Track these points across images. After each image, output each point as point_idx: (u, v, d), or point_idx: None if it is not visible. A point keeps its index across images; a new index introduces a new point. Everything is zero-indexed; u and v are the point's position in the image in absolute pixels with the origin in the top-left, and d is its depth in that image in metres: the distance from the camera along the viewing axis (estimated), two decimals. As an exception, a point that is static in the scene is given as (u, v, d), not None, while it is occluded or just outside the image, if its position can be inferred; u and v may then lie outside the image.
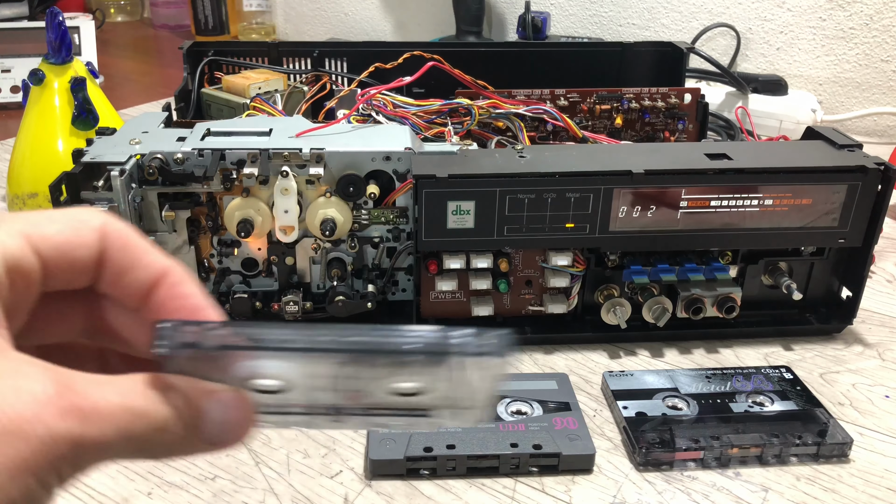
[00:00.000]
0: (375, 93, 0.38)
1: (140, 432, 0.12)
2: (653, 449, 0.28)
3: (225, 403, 0.13)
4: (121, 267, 0.14)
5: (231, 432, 0.14)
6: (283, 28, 0.97)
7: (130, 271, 0.14)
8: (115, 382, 0.13)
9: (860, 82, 0.65)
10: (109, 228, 0.14)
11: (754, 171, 0.33)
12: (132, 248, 0.14)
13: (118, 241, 0.14)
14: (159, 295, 0.15)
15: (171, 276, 0.15)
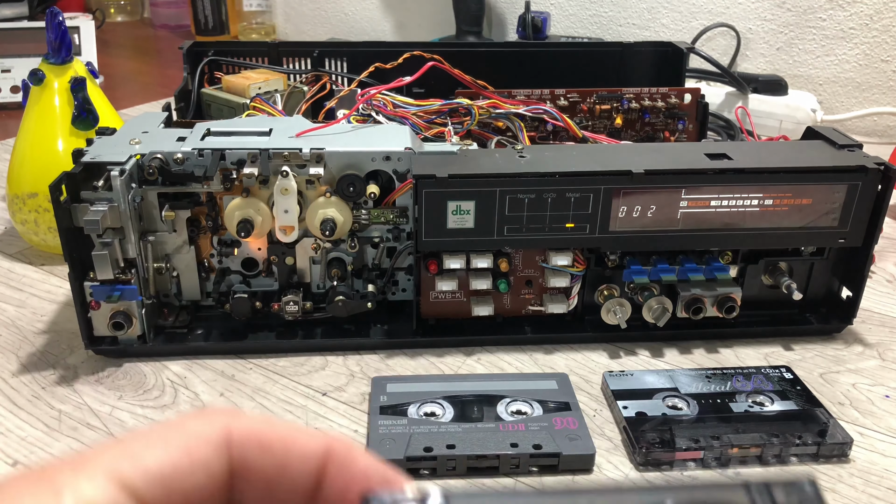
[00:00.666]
0: (375, 93, 0.38)
1: None
2: (653, 449, 0.28)
3: None
4: (268, 476, 0.11)
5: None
6: (283, 28, 0.97)
7: (283, 476, 0.11)
8: None
9: (860, 82, 0.65)
10: (238, 433, 0.11)
11: (754, 171, 0.33)
12: (277, 447, 0.11)
13: (254, 444, 0.11)
14: (332, 483, 0.11)
15: (338, 454, 0.11)
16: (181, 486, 0.10)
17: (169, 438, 0.10)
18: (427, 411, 0.29)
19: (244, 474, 0.11)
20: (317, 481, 0.11)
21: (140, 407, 0.31)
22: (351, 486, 0.11)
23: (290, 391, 0.32)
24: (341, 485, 0.11)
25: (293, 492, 0.11)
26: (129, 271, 0.32)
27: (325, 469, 0.11)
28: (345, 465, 0.11)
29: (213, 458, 0.11)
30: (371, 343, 0.35)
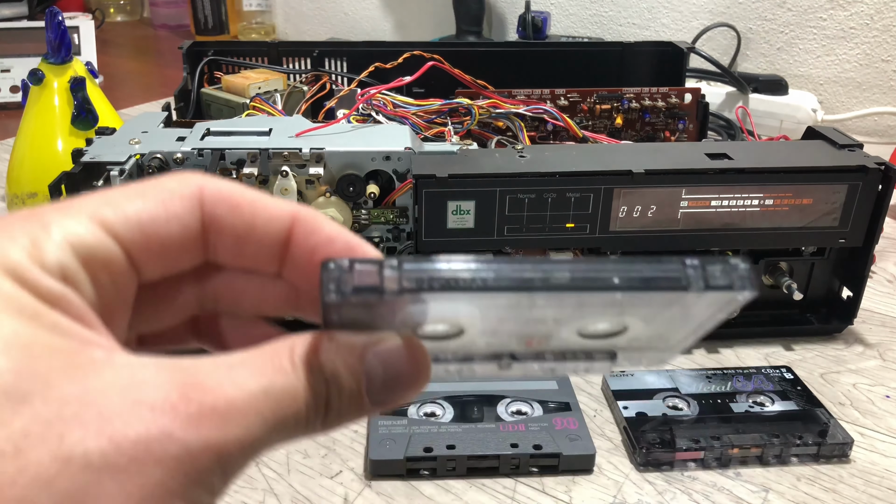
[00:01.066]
0: (375, 92, 0.38)
1: (293, 415, 0.10)
2: (653, 449, 0.28)
3: (394, 355, 0.11)
4: (238, 232, 0.12)
5: (401, 388, 0.11)
6: (282, 28, 0.97)
7: (251, 234, 0.12)
8: (248, 362, 0.10)
9: (861, 82, 0.65)
10: (209, 191, 0.12)
11: (755, 171, 0.32)
12: (245, 207, 0.12)
13: (224, 202, 0.12)
14: (298, 249, 0.12)
15: (303, 222, 0.12)
16: (157, 234, 0.11)
17: (147, 193, 0.11)
18: (427, 411, 0.29)
19: (215, 230, 0.12)
20: (284, 244, 0.12)
21: (140, 407, 0.31)
22: (316, 251, 0.12)
23: (290, 391, 0.32)
24: (306, 248, 0.12)
25: (261, 250, 0.12)
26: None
27: (291, 233, 0.12)
28: (310, 230, 0.12)
29: (187, 212, 0.12)
30: (371, 343, 0.35)
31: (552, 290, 0.11)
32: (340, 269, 0.10)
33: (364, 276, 0.10)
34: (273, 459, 0.28)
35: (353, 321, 0.11)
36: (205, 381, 0.10)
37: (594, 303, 0.11)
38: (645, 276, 0.11)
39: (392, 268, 0.11)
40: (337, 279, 0.10)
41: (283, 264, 0.12)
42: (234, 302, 0.13)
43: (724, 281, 0.11)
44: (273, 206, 0.12)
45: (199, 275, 0.13)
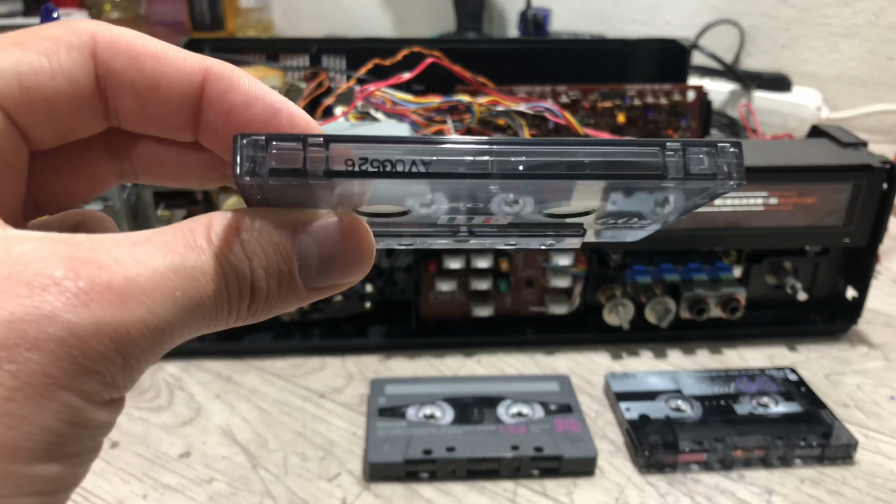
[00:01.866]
0: (374, 90, 0.37)
1: (210, 298, 0.09)
2: (656, 451, 0.27)
3: (330, 233, 0.10)
4: (139, 89, 0.10)
5: (341, 269, 0.10)
6: (280, 24, 0.97)
7: (155, 91, 0.10)
8: (156, 239, 0.09)
9: (865, 80, 0.64)
10: (103, 40, 0.10)
11: (758, 170, 0.32)
12: (147, 58, 0.10)
13: (122, 53, 0.10)
14: (211, 110, 0.10)
15: (217, 78, 0.10)
16: (41, 90, 0.09)
17: (27, 42, 0.10)
18: (426, 413, 0.29)
19: (113, 87, 0.10)
20: (195, 104, 0.10)
21: (136, 409, 0.30)
22: (233, 113, 0.10)
23: (288, 393, 0.32)
24: (222, 110, 0.10)
25: (168, 111, 0.10)
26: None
27: (203, 91, 0.10)
28: (226, 88, 0.10)
29: (77, 64, 0.10)
30: (369, 344, 0.34)
31: (509, 177, 0.09)
32: (255, 145, 0.09)
33: (284, 156, 0.09)
34: (270, 462, 0.28)
35: (281, 197, 0.10)
36: (100, 256, 0.09)
37: (558, 188, 0.10)
38: (616, 161, 0.10)
39: (317, 145, 0.09)
40: (251, 158, 0.09)
41: (197, 128, 0.11)
42: (154, 172, 0.12)
43: (707, 168, 0.10)
44: (180, 58, 0.10)
45: (108, 143, 0.11)
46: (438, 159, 0.09)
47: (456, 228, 0.12)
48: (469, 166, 0.09)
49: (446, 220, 0.11)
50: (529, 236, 0.12)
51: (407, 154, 0.09)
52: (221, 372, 0.33)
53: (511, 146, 0.10)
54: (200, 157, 0.12)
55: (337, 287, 0.11)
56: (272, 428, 0.29)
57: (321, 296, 0.10)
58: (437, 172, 0.09)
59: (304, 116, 0.11)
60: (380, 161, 0.09)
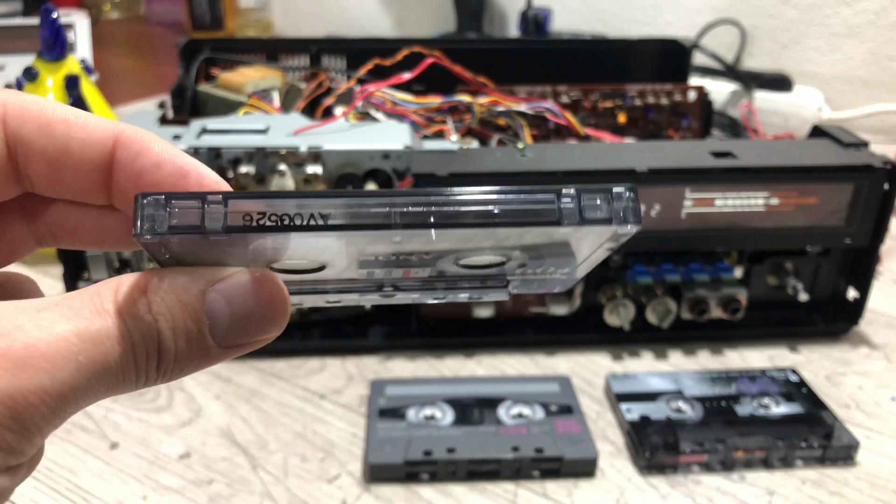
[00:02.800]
0: (374, 90, 0.37)
1: (115, 361, 0.09)
2: (656, 452, 0.27)
3: (241, 291, 0.10)
4: (49, 156, 0.10)
5: (254, 328, 0.10)
6: (280, 24, 0.96)
7: (66, 157, 0.10)
8: (62, 304, 0.09)
9: (867, 80, 0.64)
10: (12, 108, 0.10)
11: (760, 170, 0.32)
12: (57, 126, 0.10)
13: (32, 121, 0.10)
14: (122, 174, 0.10)
15: (128, 143, 0.10)
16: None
17: None
18: (427, 414, 0.29)
19: (24, 151, 0.10)
20: (106, 169, 0.11)
21: (135, 409, 0.30)
22: (142, 177, 0.11)
23: (287, 394, 0.32)
24: (132, 174, 0.11)
25: (79, 177, 0.10)
26: (124, 271, 0.31)
27: (114, 156, 0.11)
28: (136, 152, 0.11)
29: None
30: (369, 345, 0.34)
31: (411, 227, 0.09)
32: (155, 204, 0.09)
33: (183, 213, 0.09)
34: (270, 463, 0.28)
35: (191, 255, 0.10)
36: (1, 324, 0.09)
37: (461, 236, 0.10)
38: (513, 210, 0.10)
39: (216, 203, 0.09)
40: (151, 217, 0.09)
41: (109, 192, 0.11)
42: (73, 236, 0.12)
43: (602, 213, 0.10)
44: (91, 124, 0.11)
45: (24, 208, 0.11)
46: (336, 212, 0.10)
47: (380, 283, 0.12)
48: (368, 217, 0.10)
49: (365, 275, 0.12)
50: (455, 289, 0.12)
51: (304, 208, 0.09)
52: (221, 373, 0.33)
53: (410, 197, 0.10)
54: (118, 219, 0.12)
55: (251, 345, 0.11)
56: (272, 429, 0.29)
57: (235, 354, 0.10)
58: (335, 225, 0.09)
59: (212, 177, 0.11)
60: (277, 216, 0.09)
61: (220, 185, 0.11)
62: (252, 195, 0.10)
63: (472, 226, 0.10)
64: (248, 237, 0.09)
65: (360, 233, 0.10)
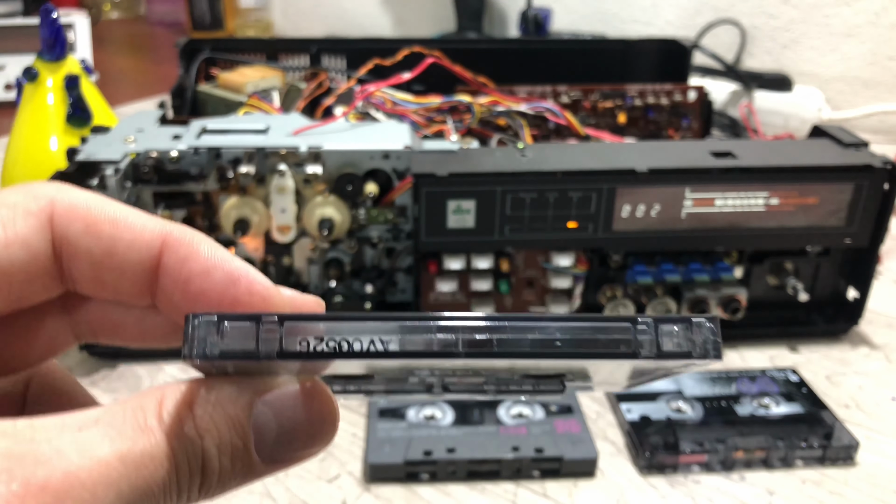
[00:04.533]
0: (374, 90, 0.37)
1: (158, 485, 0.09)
2: (657, 452, 0.27)
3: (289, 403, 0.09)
4: (94, 258, 0.10)
5: (301, 442, 0.10)
6: (280, 24, 0.96)
7: (110, 259, 0.10)
8: (104, 420, 0.09)
9: (867, 80, 0.64)
10: (61, 207, 0.10)
11: (760, 170, 0.32)
12: (104, 226, 0.10)
13: (79, 220, 0.10)
14: (169, 278, 0.10)
15: (175, 246, 0.10)
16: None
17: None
18: (427, 414, 0.29)
19: (69, 251, 0.10)
20: (152, 272, 0.10)
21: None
22: (191, 282, 0.10)
23: (288, 394, 0.32)
24: (180, 278, 0.10)
25: (123, 279, 0.10)
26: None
27: (161, 259, 0.10)
28: (184, 256, 0.10)
29: (34, 233, 0.09)
30: (370, 344, 0.34)
31: (476, 357, 0.09)
32: (207, 326, 0.09)
33: (235, 337, 0.09)
34: (270, 463, 0.28)
35: (237, 368, 0.09)
36: (40, 448, 0.08)
37: (524, 365, 0.10)
38: (584, 339, 0.09)
39: (271, 324, 0.09)
40: (203, 340, 0.09)
41: (154, 294, 0.10)
42: (114, 334, 0.12)
43: (681, 346, 0.09)
44: (139, 225, 0.10)
45: (65, 305, 0.11)
46: (397, 338, 0.09)
47: (429, 385, 0.12)
48: (430, 345, 0.09)
49: (416, 380, 0.11)
50: (506, 391, 0.12)
51: (363, 334, 0.09)
52: (221, 373, 0.33)
53: (475, 322, 0.09)
54: (161, 320, 0.11)
55: (296, 460, 0.10)
56: (272, 429, 0.29)
57: (279, 469, 0.10)
58: (396, 352, 0.09)
59: (263, 284, 0.10)
60: (335, 341, 0.09)
61: (270, 294, 0.10)
62: (309, 317, 0.09)
63: (539, 356, 0.09)
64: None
65: (421, 360, 0.09)
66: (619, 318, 0.10)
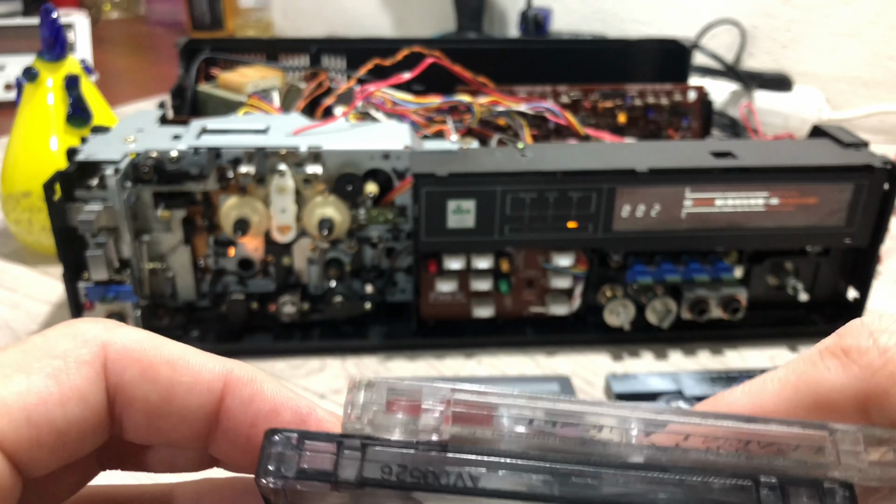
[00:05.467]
0: (374, 90, 0.37)
1: None
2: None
3: None
4: (150, 405, 0.09)
5: None
6: (280, 24, 0.96)
7: (168, 406, 0.09)
8: None
9: (867, 80, 0.64)
10: (114, 352, 0.09)
11: (760, 170, 0.32)
12: (162, 371, 0.09)
13: (134, 365, 0.09)
14: (231, 422, 0.09)
15: (238, 387, 0.09)
16: (49, 421, 0.08)
17: (30, 364, 0.08)
18: (427, 415, 0.29)
19: (123, 398, 0.09)
20: (212, 415, 0.09)
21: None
22: (256, 423, 0.09)
23: (288, 394, 0.32)
24: (243, 421, 0.09)
25: (182, 425, 0.09)
26: (124, 272, 0.31)
27: (223, 402, 0.09)
28: (248, 398, 0.09)
29: (88, 383, 0.08)
30: (369, 345, 0.34)
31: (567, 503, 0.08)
32: (286, 443, 0.08)
33: (315, 456, 0.08)
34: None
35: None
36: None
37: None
38: (700, 499, 0.08)
39: (353, 449, 0.08)
40: (279, 456, 0.08)
41: (212, 438, 0.10)
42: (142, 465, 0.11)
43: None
44: (198, 365, 0.09)
45: (104, 450, 0.10)
46: (489, 474, 0.08)
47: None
48: (523, 485, 0.08)
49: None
50: None
51: (453, 465, 0.08)
52: (221, 373, 0.33)
53: (572, 466, 0.08)
54: (194, 454, 0.10)
55: None
56: (272, 429, 0.29)
57: None
58: (487, 489, 0.08)
59: (331, 420, 0.10)
60: (421, 471, 0.08)
61: (338, 429, 0.09)
62: (394, 444, 0.08)
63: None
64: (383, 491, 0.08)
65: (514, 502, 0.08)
66: (735, 472, 0.08)
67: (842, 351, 0.10)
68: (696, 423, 0.09)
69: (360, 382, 0.09)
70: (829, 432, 0.09)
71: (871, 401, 0.10)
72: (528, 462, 0.09)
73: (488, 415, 0.09)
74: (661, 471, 0.09)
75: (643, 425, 0.09)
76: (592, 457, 0.09)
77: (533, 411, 0.09)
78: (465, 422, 0.09)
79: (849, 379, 0.10)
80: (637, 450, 0.09)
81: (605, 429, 0.09)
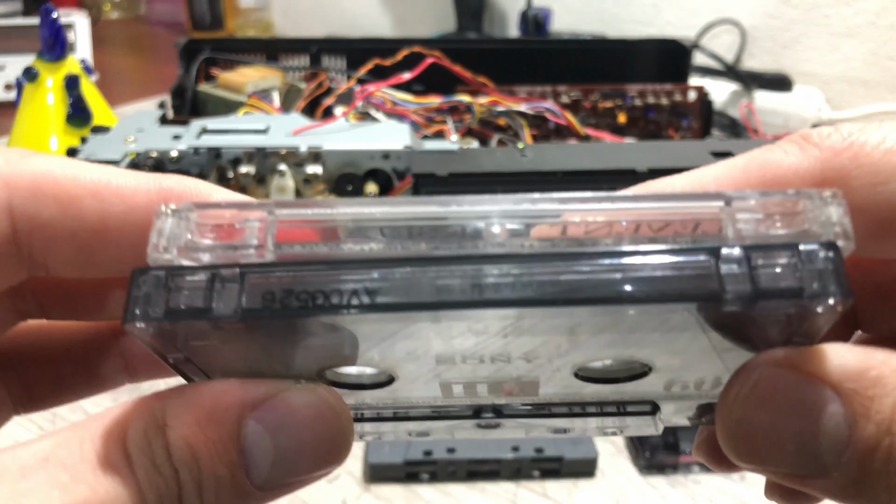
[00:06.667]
0: (374, 90, 0.37)
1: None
2: (657, 452, 0.27)
3: (285, 417, 0.07)
4: (81, 239, 0.08)
5: (304, 465, 0.08)
6: (280, 24, 0.96)
7: (103, 235, 0.08)
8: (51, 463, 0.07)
9: (867, 80, 0.64)
10: (21, 189, 0.08)
11: (760, 170, 0.32)
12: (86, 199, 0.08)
13: (51, 200, 0.08)
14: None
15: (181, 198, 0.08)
16: None
17: None
18: (427, 415, 0.29)
19: (42, 237, 0.08)
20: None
21: (135, 410, 0.30)
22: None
23: (288, 394, 0.32)
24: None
25: (121, 251, 0.08)
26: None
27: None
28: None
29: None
30: (370, 344, 0.34)
31: (499, 306, 0.06)
32: (156, 282, 0.07)
33: (186, 293, 0.06)
34: (270, 463, 0.28)
35: (223, 364, 0.07)
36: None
37: (580, 324, 0.07)
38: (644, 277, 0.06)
39: (231, 279, 0.06)
40: (146, 298, 0.07)
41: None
42: (70, 310, 0.09)
43: (787, 282, 0.06)
44: (129, 187, 0.08)
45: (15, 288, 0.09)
46: (391, 285, 0.06)
47: (476, 407, 0.09)
48: (429, 294, 0.06)
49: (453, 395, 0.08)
50: (583, 416, 0.09)
51: (345, 282, 0.07)
52: (221, 373, 0.33)
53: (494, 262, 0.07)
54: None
55: (301, 484, 0.08)
56: (272, 429, 0.29)
57: (280, 495, 0.08)
58: (388, 304, 0.06)
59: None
60: (308, 293, 0.06)
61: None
62: (276, 265, 0.07)
63: (583, 303, 0.06)
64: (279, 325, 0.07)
65: (416, 313, 0.06)
66: (692, 248, 0.07)
67: (801, 137, 0.09)
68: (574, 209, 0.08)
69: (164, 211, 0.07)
70: (724, 201, 0.07)
71: (828, 183, 0.09)
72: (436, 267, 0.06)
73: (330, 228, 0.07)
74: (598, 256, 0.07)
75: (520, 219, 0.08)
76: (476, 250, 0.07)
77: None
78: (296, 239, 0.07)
79: (807, 160, 0.09)
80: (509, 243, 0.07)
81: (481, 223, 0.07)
